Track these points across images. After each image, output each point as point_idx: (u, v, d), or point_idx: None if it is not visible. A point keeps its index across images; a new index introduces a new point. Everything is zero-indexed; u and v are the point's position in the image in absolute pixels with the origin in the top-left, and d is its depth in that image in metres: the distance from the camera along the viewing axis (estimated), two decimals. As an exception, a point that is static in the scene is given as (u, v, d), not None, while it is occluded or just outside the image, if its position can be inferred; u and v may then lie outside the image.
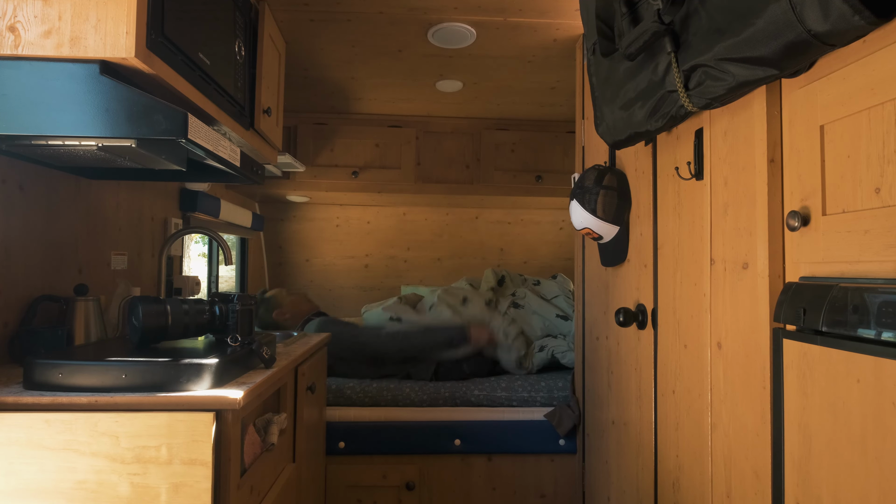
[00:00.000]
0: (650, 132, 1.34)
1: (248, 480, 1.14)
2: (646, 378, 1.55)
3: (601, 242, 1.75)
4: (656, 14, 1.09)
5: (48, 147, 1.16)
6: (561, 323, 2.70)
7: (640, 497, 1.59)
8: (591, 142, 2.05)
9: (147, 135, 1.06)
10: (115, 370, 1.04)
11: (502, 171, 3.15)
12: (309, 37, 2.18)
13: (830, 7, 0.76)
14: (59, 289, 1.46)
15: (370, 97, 2.87)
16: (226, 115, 1.48)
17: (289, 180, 3.08)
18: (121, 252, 1.78)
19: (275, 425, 1.30)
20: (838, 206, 0.88)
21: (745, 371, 1.09)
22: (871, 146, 0.82)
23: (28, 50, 1.03)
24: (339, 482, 2.25)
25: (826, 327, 0.86)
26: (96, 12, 1.03)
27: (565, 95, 2.78)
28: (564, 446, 2.36)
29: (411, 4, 1.94)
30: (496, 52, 2.29)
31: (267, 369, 1.27)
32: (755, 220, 1.06)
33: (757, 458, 1.05)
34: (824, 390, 0.88)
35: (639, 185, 1.61)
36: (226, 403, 1.02)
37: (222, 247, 1.80)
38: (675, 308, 1.38)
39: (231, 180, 1.65)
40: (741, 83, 0.98)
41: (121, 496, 0.99)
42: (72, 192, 1.53)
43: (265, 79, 1.80)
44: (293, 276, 3.72)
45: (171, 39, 1.15)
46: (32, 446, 0.98)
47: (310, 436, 1.81)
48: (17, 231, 1.32)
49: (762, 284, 1.04)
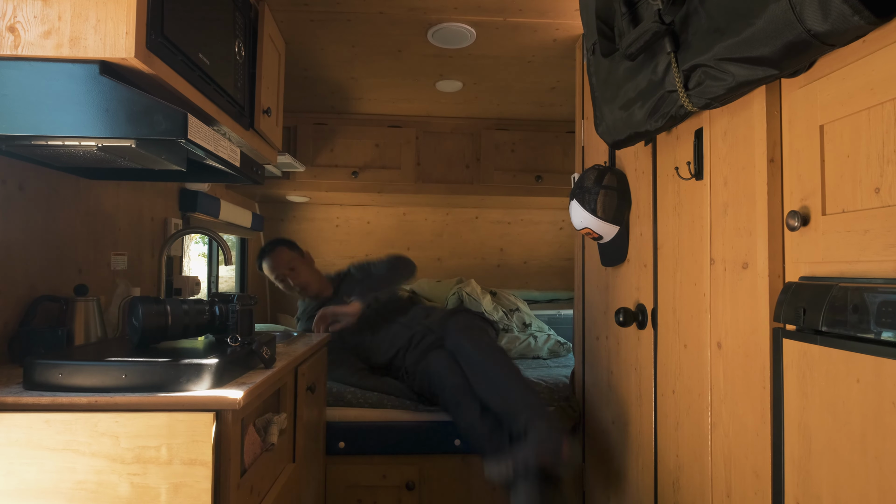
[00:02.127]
0: (650, 132, 1.34)
1: (248, 480, 1.14)
2: (646, 378, 1.55)
3: (601, 242, 1.75)
4: (656, 14, 1.09)
5: (48, 147, 1.16)
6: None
7: (640, 497, 1.59)
8: (591, 142, 2.05)
9: (147, 135, 1.06)
10: (115, 370, 1.04)
11: (502, 171, 3.15)
12: (309, 37, 2.18)
13: (830, 7, 0.76)
14: (59, 289, 1.46)
15: (370, 97, 2.87)
16: (226, 115, 1.48)
17: (289, 180, 3.08)
18: (121, 252, 1.78)
19: (275, 425, 1.30)
20: (838, 205, 0.88)
21: (745, 371, 1.09)
22: (870, 146, 0.82)
23: (28, 50, 1.03)
24: (339, 482, 2.24)
25: (826, 327, 0.86)
26: (96, 12, 1.03)
27: (565, 95, 2.78)
28: (564, 446, 2.36)
29: (411, 4, 1.94)
30: (496, 53, 2.29)
31: (267, 369, 1.27)
32: (755, 220, 1.06)
33: (757, 457, 1.05)
34: (824, 390, 0.88)
35: (639, 185, 1.61)
36: (226, 403, 1.02)
37: (222, 247, 1.80)
38: (675, 308, 1.38)
39: (231, 180, 1.65)
40: (741, 83, 0.98)
41: (121, 496, 0.99)
42: (72, 192, 1.53)
43: (265, 79, 1.79)
44: (293, 277, 3.71)
45: (171, 40, 1.15)
46: (32, 446, 0.98)
47: (310, 436, 1.81)
48: (17, 231, 1.32)
49: (762, 284, 1.04)
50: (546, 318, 3.52)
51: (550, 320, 3.52)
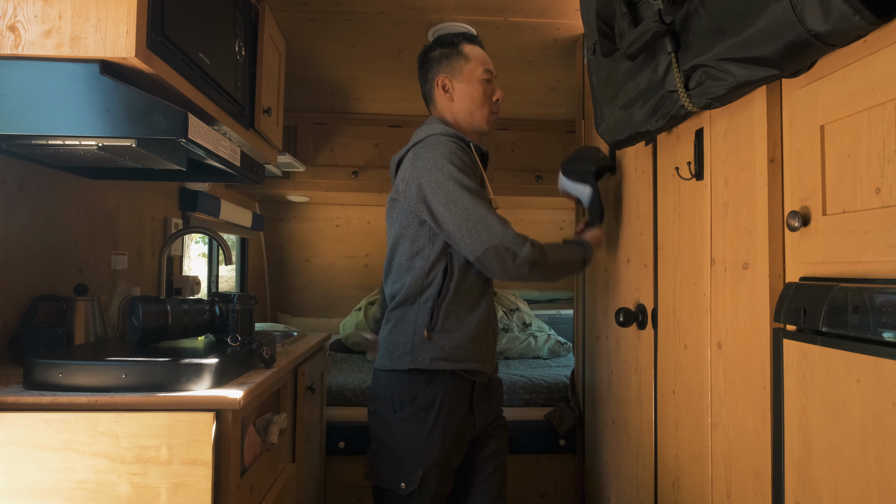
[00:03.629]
0: (650, 132, 1.34)
1: (248, 480, 1.14)
2: (646, 378, 1.55)
3: (584, 205, 1.75)
4: (657, 14, 1.09)
5: (48, 147, 1.16)
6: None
7: (640, 497, 1.59)
8: (591, 142, 2.05)
9: (147, 134, 1.06)
10: (115, 370, 1.04)
11: (502, 171, 3.15)
12: (309, 37, 2.18)
13: (831, 7, 0.76)
14: (59, 289, 1.46)
15: (370, 97, 2.87)
16: (226, 114, 1.48)
17: (289, 180, 3.08)
18: (121, 252, 1.77)
19: (275, 425, 1.30)
20: (838, 206, 0.88)
21: (745, 371, 1.09)
22: (871, 146, 0.82)
23: (28, 50, 1.03)
24: (339, 482, 2.25)
25: (826, 327, 0.86)
26: (96, 12, 1.03)
27: (565, 95, 2.78)
28: (564, 446, 2.36)
29: (411, 4, 1.94)
30: (496, 52, 2.29)
31: (267, 369, 1.27)
32: (755, 220, 1.06)
33: (757, 457, 1.05)
34: (824, 390, 0.88)
35: (639, 185, 1.61)
36: (226, 403, 1.02)
37: (222, 247, 1.80)
38: (676, 308, 1.38)
39: (231, 180, 1.65)
40: (741, 83, 0.98)
41: (121, 496, 0.99)
42: (72, 192, 1.53)
43: (265, 79, 1.80)
44: (293, 276, 3.72)
45: (172, 39, 1.15)
46: (32, 446, 0.98)
47: (310, 436, 1.81)
48: (17, 231, 1.32)
49: (762, 284, 1.04)
50: (546, 318, 3.52)
51: (550, 320, 3.52)
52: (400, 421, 1.39)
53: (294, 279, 3.71)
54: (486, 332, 1.45)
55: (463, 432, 1.42)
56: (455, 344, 1.39)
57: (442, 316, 1.38)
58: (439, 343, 1.38)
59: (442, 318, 1.38)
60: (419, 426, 1.37)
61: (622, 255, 1.73)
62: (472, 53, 1.56)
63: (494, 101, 1.56)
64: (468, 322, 1.40)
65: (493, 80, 1.56)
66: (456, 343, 1.39)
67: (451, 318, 1.39)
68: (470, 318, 1.41)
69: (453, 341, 1.39)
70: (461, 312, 1.40)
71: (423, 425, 1.37)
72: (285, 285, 3.70)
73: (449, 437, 1.38)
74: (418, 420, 1.38)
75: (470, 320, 1.41)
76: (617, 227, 1.78)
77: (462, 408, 1.41)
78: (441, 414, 1.37)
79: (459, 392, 1.40)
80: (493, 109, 1.56)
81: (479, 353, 1.42)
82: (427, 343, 1.38)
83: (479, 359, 1.42)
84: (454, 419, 1.39)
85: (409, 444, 1.37)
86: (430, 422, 1.37)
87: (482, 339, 1.43)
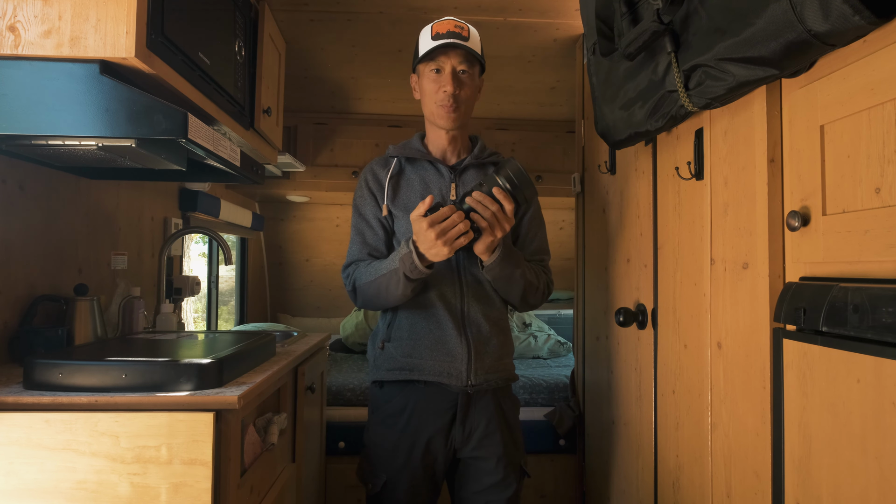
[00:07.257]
0: (650, 132, 1.34)
1: (248, 480, 1.14)
2: (646, 378, 1.55)
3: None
4: (656, 14, 1.09)
5: (48, 147, 1.16)
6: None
7: (640, 497, 1.59)
8: (591, 142, 2.05)
9: (147, 135, 1.06)
10: (115, 370, 1.03)
11: (502, 171, 3.15)
12: (309, 37, 2.18)
13: (831, 7, 0.76)
14: (59, 289, 1.46)
15: (370, 97, 2.87)
16: (226, 114, 1.48)
17: (289, 180, 3.08)
18: (121, 252, 1.77)
19: (275, 425, 1.30)
20: (838, 206, 0.88)
21: (745, 371, 1.09)
22: (871, 146, 0.82)
23: (28, 50, 1.03)
24: (339, 482, 2.25)
25: (826, 327, 0.85)
26: (96, 12, 1.03)
27: (565, 95, 2.78)
28: (564, 446, 2.36)
29: (411, 4, 1.94)
30: (496, 52, 2.29)
31: (268, 369, 1.26)
32: (755, 220, 1.06)
33: (757, 457, 1.05)
34: (824, 390, 0.88)
35: (639, 185, 1.61)
36: (226, 403, 1.02)
37: (222, 247, 1.80)
38: (675, 308, 1.38)
39: (231, 180, 1.65)
40: (741, 83, 0.98)
41: (121, 496, 0.99)
42: (72, 192, 1.53)
43: (265, 79, 1.79)
44: (293, 276, 3.72)
45: (171, 39, 1.15)
46: (32, 446, 0.98)
47: (310, 436, 1.81)
48: (17, 231, 1.32)
49: (762, 284, 1.04)
50: (546, 317, 3.52)
51: (550, 320, 3.52)
52: (372, 424, 1.45)
53: (294, 279, 3.71)
54: (443, 341, 1.36)
55: (438, 443, 1.38)
56: (406, 353, 1.38)
57: (395, 326, 1.40)
58: (392, 354, 1.40)
59: (395, 328, 1.40)
60: (386, 431, 1.40)
61: (622, 255, 1.73)
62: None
63: (443, 94, 1.38)
64: (418, 332, 1.37)
65: (447, 72, 1.39)
66: (407, 353, 1.37)
67: (404, 328, 1.39)
68: (420, 328, 1.37)
69: (403, 351, 1.38)
70: (414, 322, 1.38)
71: (391, 431, 1.39)
72: (285, 285, 3.70)
73: (419, 446, 1.36)
74: (386, 426, 1.41)
75: (420, 331, 1.37)
76: (617, 227, 1.78)
77: (439, 419, 1.37)
78: (411, 422, 1.37)
79: (436, 403, 1.37)
80: (440, 102, 1.38)
81: (438, 363, 1.35)
82: (382, 354, 1.42)
83: (439, 370, 1.35)
84: (426, 429, 1.37)
85: (377, 448, 1.41)
86: (398, 429, 1.38)
87: (440, 348, 1.36)
